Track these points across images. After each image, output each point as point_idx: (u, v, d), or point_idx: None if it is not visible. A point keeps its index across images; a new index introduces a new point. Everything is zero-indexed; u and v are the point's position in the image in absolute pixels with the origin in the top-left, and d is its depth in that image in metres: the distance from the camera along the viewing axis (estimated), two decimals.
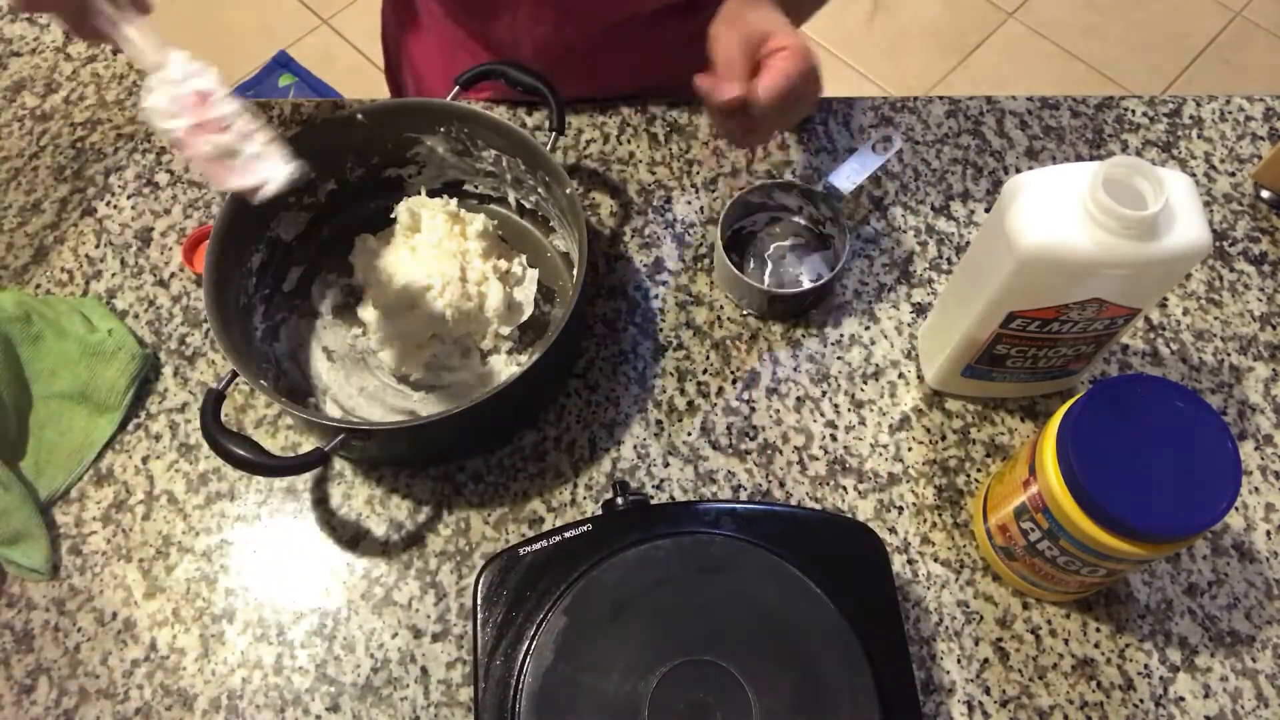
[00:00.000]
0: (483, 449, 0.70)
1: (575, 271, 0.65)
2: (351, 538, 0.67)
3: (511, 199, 0.78)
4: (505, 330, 0.71)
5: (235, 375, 0.62)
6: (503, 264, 0.73)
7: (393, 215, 0.73)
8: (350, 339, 0.74)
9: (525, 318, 0.73)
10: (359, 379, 0.72)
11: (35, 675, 0.63)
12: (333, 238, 0.76)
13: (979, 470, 0.69)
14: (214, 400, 0.61)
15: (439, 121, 0.73)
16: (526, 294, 0.73)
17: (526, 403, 0.70)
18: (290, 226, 0.74)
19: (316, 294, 0.75)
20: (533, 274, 0.74)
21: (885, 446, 0.70)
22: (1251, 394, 0.72)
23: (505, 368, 0.72)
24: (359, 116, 0.71)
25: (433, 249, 0.70)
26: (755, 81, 0.59)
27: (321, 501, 0.68)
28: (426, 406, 0.71)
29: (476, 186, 0.79)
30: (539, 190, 0.74)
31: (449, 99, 0.73)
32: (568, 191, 0.68)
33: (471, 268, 0.71)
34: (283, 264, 0.74)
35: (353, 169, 0.75)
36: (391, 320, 0.70)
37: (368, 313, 0.72)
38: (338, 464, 0.69)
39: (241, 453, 0.59)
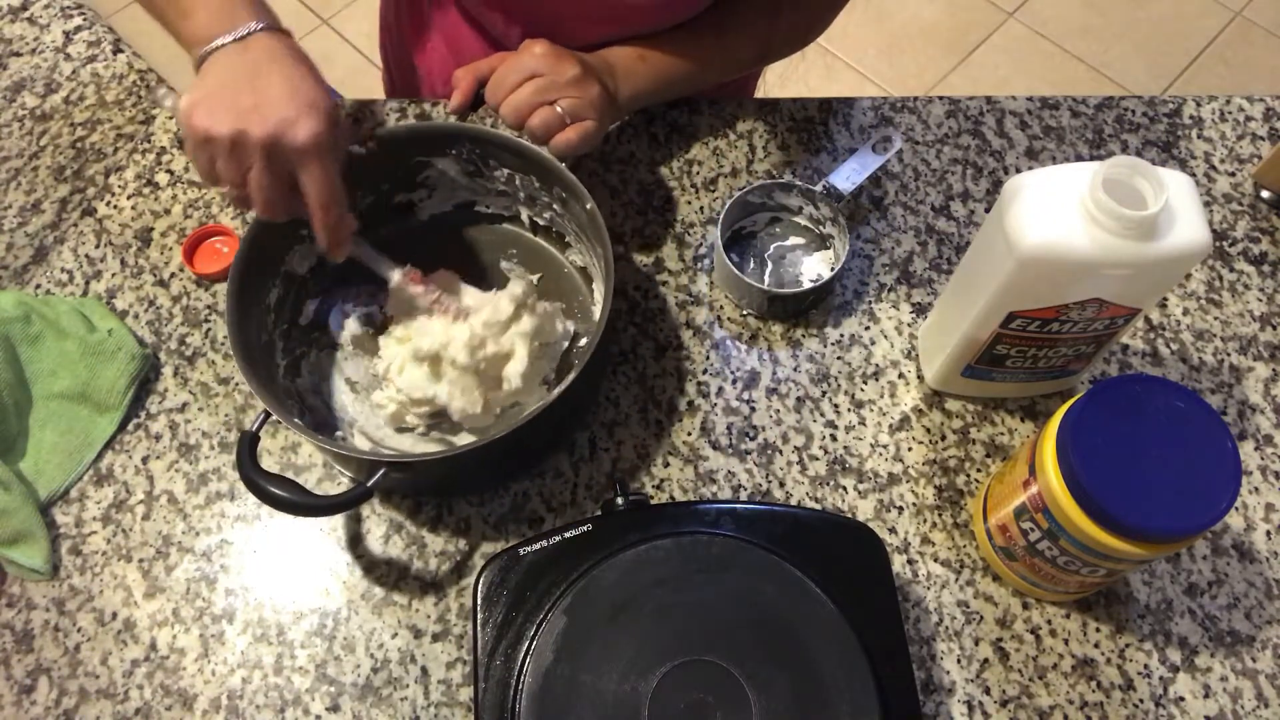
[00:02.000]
0: (517, 476, 0.69)
1: (602, 289, 0.63)
2: (351, 538, 0.67)
3: (524, 216, 0.77)
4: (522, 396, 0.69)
5: (268, 415, 0.61)
6: (535, 345, 0.69)
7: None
8: (373, 369, 0.72)
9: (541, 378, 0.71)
10: None
11: (35, 675, 0.63)
12: (344, 267, 0.73)
13: (979, 470, 0.69)
14: (249, 443, 0.60)
15: (449, 144, 0.72)
16: (551, 360, 0.72)
17: (563, 424, 0.69)
18: (303, 259, 0.72)
19: (334, 325, 0.74)
20: (562, 346, 0.72)
21: (885, 446, 0.70)
22: (1251, 394, 0.72)
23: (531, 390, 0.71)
24: (370, 144, 0.69)
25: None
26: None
27: None
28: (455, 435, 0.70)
29: (488, 207, 0.78)
30: (554, 206, 0.73)
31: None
32: (588, 207, 0.67)
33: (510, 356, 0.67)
34: (298, 298, 0.73)
35: (363, 197, 0.73)
36: (407, 376, 0.68)
37: (388, 346, 0.70)
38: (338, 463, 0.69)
39: (284, 494, 0.58)
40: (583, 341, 0.73)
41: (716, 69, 0.80)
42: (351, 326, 0.74)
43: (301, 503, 0.59)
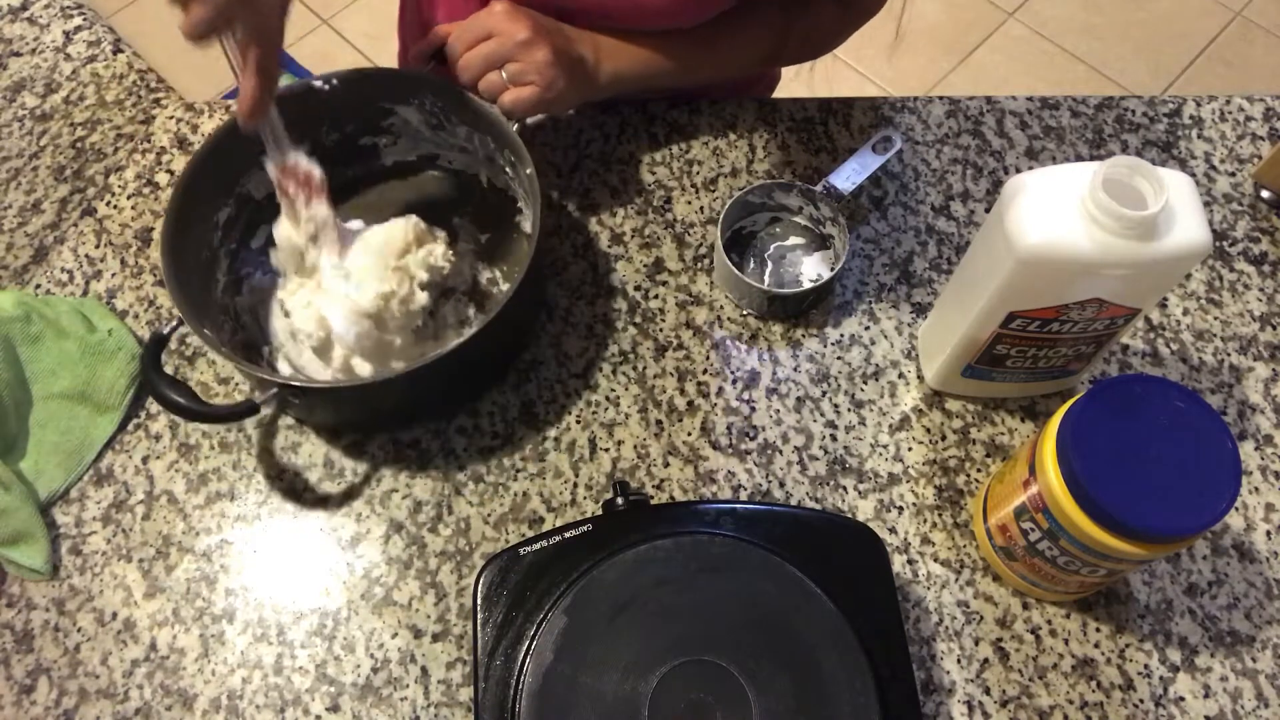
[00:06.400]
0: (430, 416, 0.70)
1: (529, 247, 0.65)
2: (351, 538, 0.67)
3: (484, 177, 0.78)
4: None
5: (181, 321, 0.63)
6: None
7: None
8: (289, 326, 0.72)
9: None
10: None
11: (35, 675, 0.63)
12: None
13: (979, 470, 0.69)
14: (155, 344, 0.63)
15: (412, 92, 0.73)
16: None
17: (473, 372, 0.70)
18: (261, 185, 0.73)
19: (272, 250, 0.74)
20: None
21: (885, 446, 0.70)
22: (1251, 394, 0.72)
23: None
24: (333, 82, 0.71)
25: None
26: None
27: (321, 501, 0.68)
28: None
29: (451, 162, 0.79)
30: (506, 170, 0.74)
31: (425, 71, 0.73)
32: (528, 172, 0.68)
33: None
34: (252, 221, 0.74)
35: (328, 133, 0.74)
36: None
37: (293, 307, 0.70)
38: (339, 463, 0.69)
39: (178, 399, 0.60)
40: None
41: (712, 66, 0.80)
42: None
43: (191, 408, 0.61)
